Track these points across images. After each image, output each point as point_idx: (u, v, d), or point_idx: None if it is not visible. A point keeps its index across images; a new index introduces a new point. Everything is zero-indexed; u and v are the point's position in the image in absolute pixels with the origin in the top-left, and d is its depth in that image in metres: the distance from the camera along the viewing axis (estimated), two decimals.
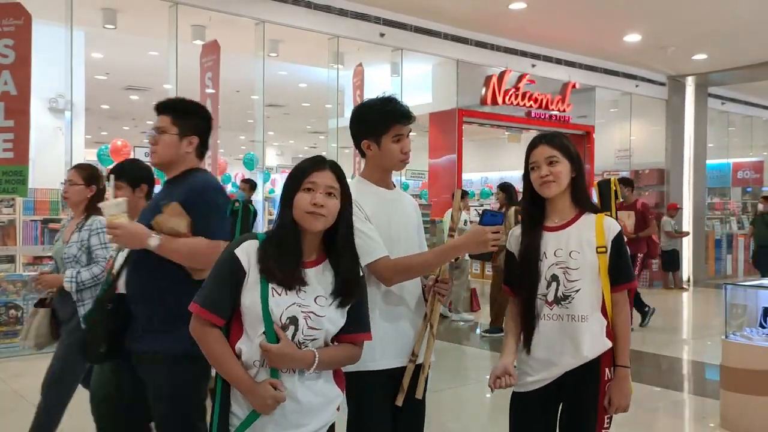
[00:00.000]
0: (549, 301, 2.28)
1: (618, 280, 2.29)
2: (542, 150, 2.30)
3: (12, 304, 6.47)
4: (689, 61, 12.15)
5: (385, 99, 2.39)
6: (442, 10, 9.24)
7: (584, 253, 2.26)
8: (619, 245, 2.29)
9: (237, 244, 1.90)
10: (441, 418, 4.79)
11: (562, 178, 2.29)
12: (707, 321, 9.53)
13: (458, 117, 10.38)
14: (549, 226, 2.34)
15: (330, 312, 1.90)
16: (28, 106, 6.38)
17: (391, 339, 2.33)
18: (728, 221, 15.79)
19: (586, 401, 2.28)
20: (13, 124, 6.23)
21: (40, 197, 7.26)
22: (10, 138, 6.23)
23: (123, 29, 9.04)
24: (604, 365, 2.27)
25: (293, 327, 1.85)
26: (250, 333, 1.86)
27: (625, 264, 2.31)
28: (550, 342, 2.28)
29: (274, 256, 1.85)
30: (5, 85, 6.19)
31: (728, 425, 4.45)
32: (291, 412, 1.87)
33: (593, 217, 2.32)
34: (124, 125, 19.53)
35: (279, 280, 1.85)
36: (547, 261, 2.29)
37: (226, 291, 1.87)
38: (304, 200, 1.87)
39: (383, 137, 2.34)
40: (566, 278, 2.25)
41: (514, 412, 2.40)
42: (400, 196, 2.51)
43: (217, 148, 8.04)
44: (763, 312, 4.57)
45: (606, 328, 2.28)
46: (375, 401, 2.31)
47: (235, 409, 1.89)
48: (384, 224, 2.33)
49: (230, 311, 1.89)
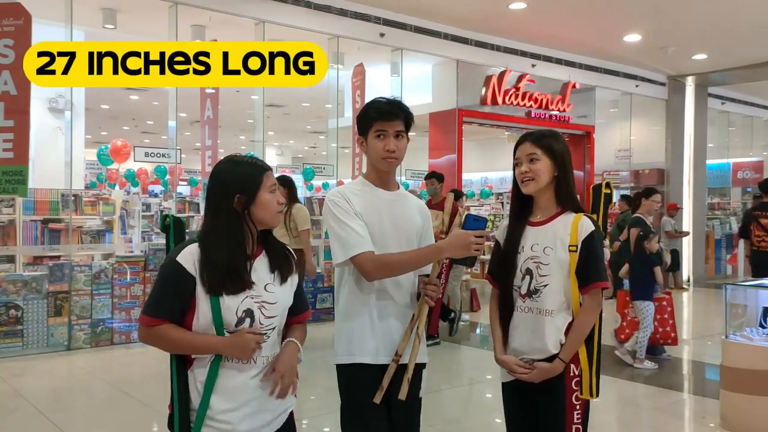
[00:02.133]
0: (522, 294, 2.36)
1: (586, 281, 2.29)
2: (525, 147, 2.37)
3: (12, 304, 6.47)
4: (689, 61, 12.14)
5: (379, 98, 2.42)
6: (442, 10, 9.24)
7: (557, 250, 2.32)
8: (590, 245, 2.30)
9: (177, 252, 1.92)
10: (441, 417, 4.79)
11: (541, 176, 2.33)
12: (707, 321, 9.53)
13: (458, 117, 10.38)
14: (532, 221, 2.41)
15: (279, 293, 1.98)
16: (28, 106, 6.39)
17: (386, 336, 2.34)
18: (728, 221, 15.78)
19: (552, 397, 2.33)
20: (13, 124, 6.24)
21: (40, 197, 7.25)
22: (10, 138, 6.24)
23: (123, 29, 9.03)
24: (570, 361, 2.31)
25: (249, 319, 1.92)
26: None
27: (595, 264, 2.30)
28: (522, 333, 2.37)
29: (220, 264, 1.88)
30: (5, 85, 6.20)
31: (728, 425, 4.45)
32: (262, 396, 1.95)
33: (572, 216, 2.36)
34: (124, 125, 19.52)
35: (229, 291, 1.89)
36: (523, 254, 2.37)
37: (177, 301, 1.91)
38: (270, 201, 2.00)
39: (368, 134, 2.38)
40: (538, 273, 2.33)
41: (504, 402, 2.50)
42: (400, 197, 2.49)
43: (216, 148, 8.03)
44: (763, 312, 4.57)
45: (569, 326, 2.32)
46: (364, 392, 2.31)
47: (194, 399, 1.92)
48: (375, 223, 2.35)
49: (179, 314, 1.92)
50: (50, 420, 4.62)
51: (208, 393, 1.89)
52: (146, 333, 1.93)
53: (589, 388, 2.32)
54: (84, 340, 6.84)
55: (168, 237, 2.07)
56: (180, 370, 1.93)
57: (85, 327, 6.86)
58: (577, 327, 2.31)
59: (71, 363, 6.41)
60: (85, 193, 8.32)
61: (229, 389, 1.91)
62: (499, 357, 2.40)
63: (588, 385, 2.32)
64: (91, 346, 6.86)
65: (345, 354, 2.34)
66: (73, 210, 7.43)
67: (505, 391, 2.48)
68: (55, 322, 6.70)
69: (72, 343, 6.77)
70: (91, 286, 6.92)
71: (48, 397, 5.32)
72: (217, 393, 1.90)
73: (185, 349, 1.93)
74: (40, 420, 4.64)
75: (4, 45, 6.19)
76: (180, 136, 9.76)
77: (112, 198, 8.52)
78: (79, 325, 6.82)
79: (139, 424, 4.73)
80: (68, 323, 6.76)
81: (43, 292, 6.65)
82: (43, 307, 6.64)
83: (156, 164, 14.84)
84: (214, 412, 1.89)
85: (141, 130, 20.27)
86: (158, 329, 1.90)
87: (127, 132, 20.15)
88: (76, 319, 6.80)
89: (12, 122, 6.23)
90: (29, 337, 6.55)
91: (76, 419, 4.85)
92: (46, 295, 6.66)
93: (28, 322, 6.55)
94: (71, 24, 7.26)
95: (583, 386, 2.32)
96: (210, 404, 1.89)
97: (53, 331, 6.68)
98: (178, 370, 1.94)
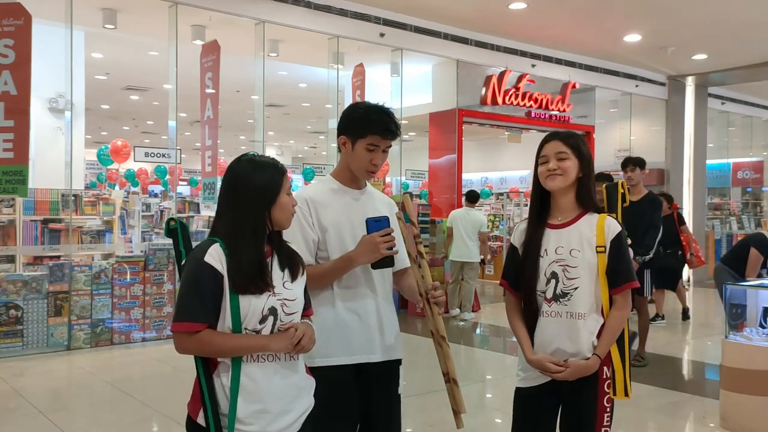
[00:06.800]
0: (548, 298, 2.30)
1: (617, 281, 2.29)
2: (554, 145, 2.34)
3: (12, 304, 6.47)
4: (689, 61, 12.14)
5: (380, 107, 2.36)
6: (442, 10, 9.24)
7: (584, 252, 2.28)
8: (619, 245, 2.29)
9: (202, 252, 1.90)
10: (441, 417, 4.79)
11: (569, 173, 2.31)
12: (707, 321, 9.53)
13: (458, 117, 10.38)
14: (552, 223, 2.36)
15: (295, 290, 2.00)
16: (28, 106, 6.39)
17: (355, 334, 2.32)
18: (728, 221, 15.79)
19: (585, 399, 2.29)
20: (13, 124, 6.24)
21: (40, 197, 7.26)
22: (10, 138, 6.24)
23: (123, 29, 9.03)
24: (601, 363, 2.28)
25: (272, 317, 1.93)
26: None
27: (625, 264, 2.30)
28: (548, 338, 2.30)
29: (248, 264, 1.89)
30: (5, 85, 6.20)
31: (728, 425, 4.44)
32: (284, 397, 1.95)
33: (596, 217, 2.33)
34: (124, 125, 19.52)
35: (257, 290, 1.90)
36: (547, 258, 2.31)
37: (213, 302, 1.88)
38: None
39: (359, 141, 2.33)
40: (565, 276, 2.27)
41: (516, 407, 2.42)
42: (369, 195, 2.47)
43: (216, 148, 8.03)
44: (763, 312, 4.57)
45: (602, 327, 2.29)
46: (340, 397, 2.28)
47: (222, 404, 1.90)
48: (347, 226, 2.34)
49: (216, 316, 1.90)
50: (50, 420, 4.62)
51: (235, 396, 1.88)
52: (187, 341, 1.86)
53: (624, 388, 2.31)
54: (84, 340, 6.84)
55: (177, 241, 2.06)
56: (207, 375, 1.91)
57: (85, 327, 6.86)
58: (611, 325, 2.28)
59: (71, 363, 6.41)
60: (85, 193, 8.33)
61: (255, 391, 1.90)
62: (531, 357, 2.30)
63: (623, 385, 2.31)
64: (91, 346, 6.86)
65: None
66: (73, 210, 7.44)
67: (522, 397, 2.41)
68: (55, 322, 6.70)
69: (72, 343, 6.77)
70: (91, 286, 6.92)
71: (48, 396, 5.32)
72: (243, 396, 1.89)
73: (231, 352, 1.89)
74: (40, 420, 4.64)
75: (4, 45, 6.19)
76: (180, 136, 9.77)
77: (112, 198, 8.53)
78: (79, 325, 6.82)
79: (139, 424, 4.73)
80: (68, 323, 6.76)
81: (43, 292, 6.65)
82: (43, 307, 6.64)
83: (156, 164, 14.87)
84: (243, 415, 1.88)
85: (141, 130, 20.27)
86: (203, 334, 1.86)
87: (127, 132, 20.15)
88: (76, 319, 6.80)
89: (12, 122, 6.23)
90: (29, 337, 6.55)
91: (75, 419, 4.85)
92: (46, 295, 6.66)
93: (28, 322, 6.55)
94: (71, 24, 7.26)
95: (617, 387, 2.30)
96: (238, 407, 1.88)
97: (53, 331, 6.69)
98: (206, 375, 1.91)
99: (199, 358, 1.91)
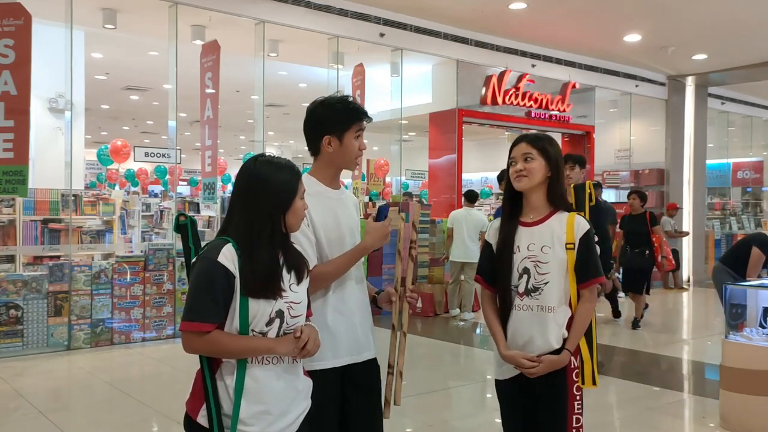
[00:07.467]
0: (520, 293, 2.42)
1: (585, 276, 2.40)
2: (521, 147, 2.46)
3: (12, 304, 6.47)
4: (689, 61, 12.15)
5: (341, 97, 2.43)
6: (442, 10, 9.24)
7: (554, 249, 2.39)
8: (587, 242, 2.41)
9: (216, 252, 1.88)
10: (441, 417, 4.79)
11: (534, 174, 2.42)
12: (707, 321, 9.53)
13: (458, 117, 10.38)
14: (525, 221, 2.47)
15: (301, 293, 2.01)
16: (28, 106, 6.39)
17: (343, 336, 2.34)
18: (728, 221, 15.79)
19: (556, 387, 2.39)
20: (13, 124, 6.24)
21: (40, 197, 7.26)
22: (10, 138, 6.24)
23: (123, 29, 9.04)
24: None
25: (279, 320, 1.94)
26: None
27: (593, 261, 2.41)
28: (521, 331, 2.41)
29: (263, 267, 1.89)
30: (5, 85, 6.20)
31: (728, 425, 4.44)
32: (285, 399, 1.96)
33: (566, 215, 2.45)
34: (124, 125, 19.52)
35: (268, 293, 1.90)
36: (519, 254, 2.42)
37: (224, 303, 1.88)
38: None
39: (346, 133, 2.38)
40: (537, 271, 2.39)
41: (501, 398, 2.56)
42: (344, 195, 2.52)
43: (216, 148, 8.03)
44: (763, 312, 4.57)
45: (569, 320, 2.40)
46: (322, 401, 2.28)
47: (225, 405, 1.90)
48: (333, 226, 2.37)
49: (226, 317, 1.90)
50: (50, 420, 4.62)
51: (239, 397, 1.88)
52: (197, 341, 1.86)
53: (591, 377, 2.47)
54: (84, 340, 6.84)
55: (186, 237, 2.05)
56: (212, 375, 1.91)
57: (85, 327, 6.86)
58: (580, 319, 2.40)
59: (71, 363, 6.41)
60: (85, 193, 8.33)
61: (258, 392, 1.91)
62: (505, 352, 2.42)
63: (590, 374, 2.46)
64: (91, 346, 6.86)
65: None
66: (73, 210, 7.44)
67: (501, 388, 2.54)
68: (55, 322, 6.70)
69: (72, 343, 6.77)
70: (91, 286, 6.92)
71: (48, 396, 5.33)
72: (246, 397, 1.89)
73: (238, 354, 1.89)
74: (40, 420, 4.64)
75: (4, 45, 6.19)
76: (180, 136, 9.77)
77: (112, 198, 8.54)
78: (78, 325, 6.82)
79: (139, 423, 4.73)
80: (68, 323, 6.76)
81: (43, 292, 6.65)
82: (43, 307, 6.64)
83: (156, 164, 14.89)
84: (245, 416, 1.88)
85: (141, 130, 20.27)
86: (212, 335, 1.86)
87: (127, 132, 20.16)
88: (76, 319, 6.80)
89: (12, 122, 6.23)
90: (29, 337, 6.55)
91: (75, 419, 4.85)
92: (46, 295, 6.66)
93: (28, 322, 6.55)
94: (71, 24, 7.26)
95: (585, 376, 2.44)
96: (240, 408, 1.88)
97: (53, 331, 6.69)
98: (210, 375, 1.91)
99: (204, 357, 1.91)
